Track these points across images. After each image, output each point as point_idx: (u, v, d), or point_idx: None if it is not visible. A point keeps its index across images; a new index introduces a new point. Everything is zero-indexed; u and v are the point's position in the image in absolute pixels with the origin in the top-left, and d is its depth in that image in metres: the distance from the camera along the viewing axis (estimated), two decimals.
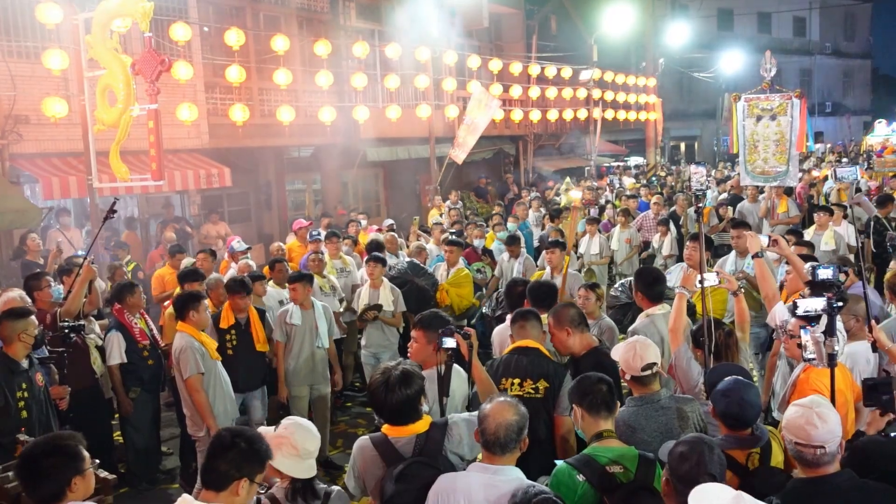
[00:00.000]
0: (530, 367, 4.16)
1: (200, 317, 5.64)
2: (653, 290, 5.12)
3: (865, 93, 48.79)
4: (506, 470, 3.00)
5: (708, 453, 2.72)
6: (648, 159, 27.91)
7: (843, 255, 6.89)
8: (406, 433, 3.32)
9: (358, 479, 3.41)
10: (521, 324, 4.36)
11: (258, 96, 13.71)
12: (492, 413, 3.01)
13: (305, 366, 6.67)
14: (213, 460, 2.79)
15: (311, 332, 6.67)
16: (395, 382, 3.28)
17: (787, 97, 9.39)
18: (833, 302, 3.53)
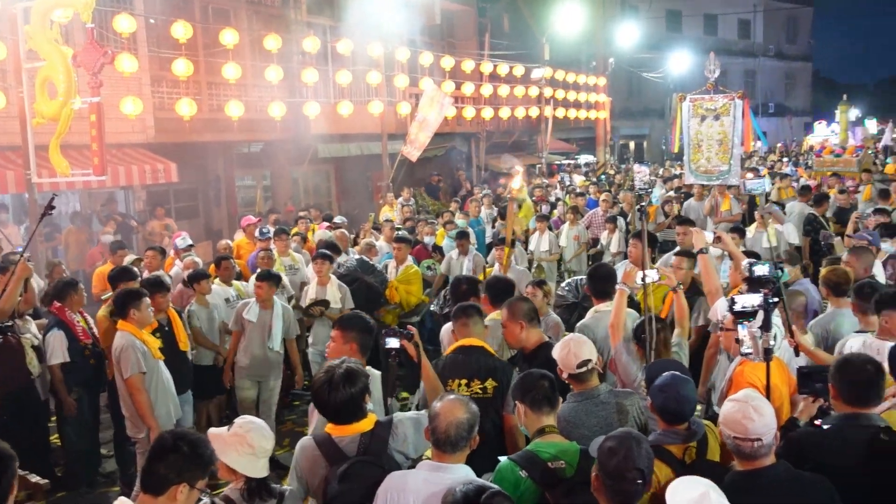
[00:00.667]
0: (476, 367, 4.14)
1: (142, 315, 5.51)
2: (604, 286, 5.15)
3: (806, 94, 50.18)
4: (455, 468, 3.00)
5: (636, 447, 2.74)
6: (598, 157, 28.27)
7: (790, 250, 7.08)
8: (350, 432, 3.30)
9: (300, 479, 3.36)
10: (464, 321, 4.32)
11: (206, 90, 13.49)
12: (443, 411, 3.01)
13: (253, 362, 6.63)
14: (152, 463, 2.72)
15: (263, 331, 6.60)
16: (339, 380, 3.24)
17: (730, 98, 9.62)
18: (769, 298, 3.63)
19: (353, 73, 15.19)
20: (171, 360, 6.12)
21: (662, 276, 4.82)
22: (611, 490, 2.72)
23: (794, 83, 49.09)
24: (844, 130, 20.48)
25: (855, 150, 16.11)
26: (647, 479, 2.74)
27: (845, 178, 14.91)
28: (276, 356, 6.77)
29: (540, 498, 3.20)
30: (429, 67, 17.86)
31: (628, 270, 4.78)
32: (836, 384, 3.35)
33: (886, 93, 64.69)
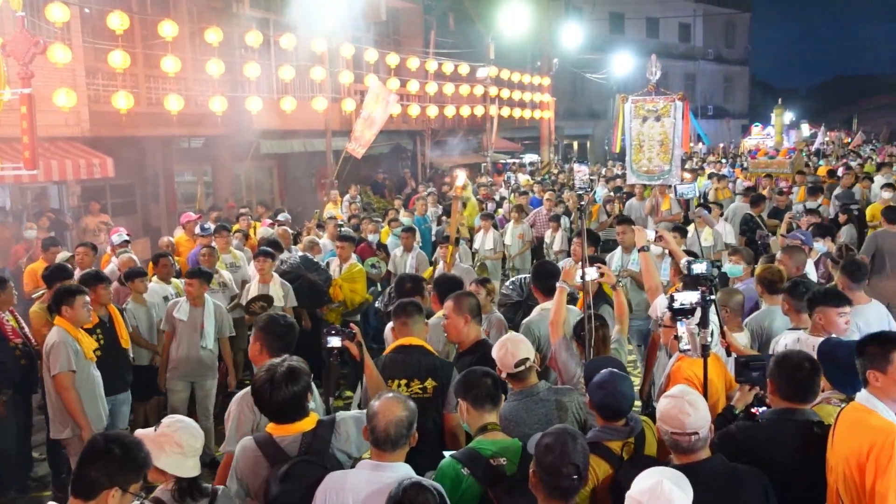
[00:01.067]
0: (416, 366, 4.10)
1: (74, 313, 5.32)
2: (548, 284, 5.13)
3: (744, 97, 51.67)
4: (395, 467, 2.99)
5: (571, 443, 2.77)
6: (543, 157, 28.56)
7: (736, 247, 7.24)
8: (292, 431, 3.25)
9: (240, 481, 3.30)
10: (403, 320, 4.25)
11: (144, 83, 13.13)
12: (381, 410, 2.99)
13: (185, 362, 6.48)
14: (83, 466, 2.63)
15: (195, 330, 6.47)
16: (281, 379, 3.20)
17: (670, 100, 9.82)
18: (707, 295, 3.70)
19: (296, 69, 15.00)
20: (112, 357, 6.01)
21: (602, 275, 4.87)
22: (548, 486, 2.74)
23: (732, 86, 50.50)
24: (779, 133, 21.14)
25: (788, 153, 16.62)
26: (582, 474, 2.77)
27: (779, 179, 15.37)
28: (210, 355, 6.63)
29: (482, 495, 3.21)
30: (374, 64, 17.75)
31: (568, 268, 4.79)
32: (775, 380, 3.43)
33: (819, 97, 67.13)
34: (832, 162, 24.03)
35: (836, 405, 3.40)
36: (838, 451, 3.07)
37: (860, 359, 3.15)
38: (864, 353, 3.14)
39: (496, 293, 6.69)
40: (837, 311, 4.35)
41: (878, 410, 3.04)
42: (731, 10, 47.63)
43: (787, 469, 3.19)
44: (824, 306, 4.38)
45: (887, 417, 3.03)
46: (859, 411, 3.09)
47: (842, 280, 5.36)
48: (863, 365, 3.13)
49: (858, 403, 3.13)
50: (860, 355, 3.15)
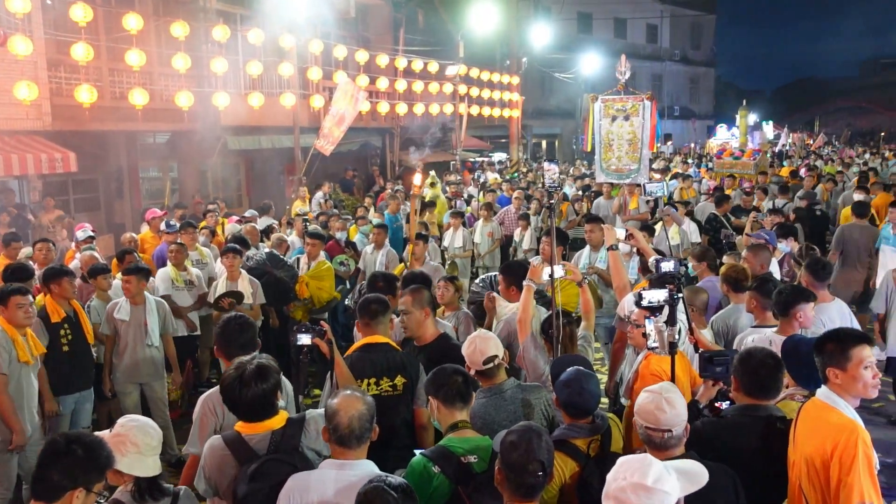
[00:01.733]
0: (384, 364, 4.07)
1: (10, 314, 5.16)
2: (521, 281, 5.17)
3: (710, 98, 52.39)
4: (360, 464, 2.97)
5: (536, 440, 2.78)
6: (512, 155, 28.66)
7: (703, 246, 7.33)
8: (261, 430, 3.23)
9: (208, 479, 3.26)
10: (367, 320, 4.23)
11: (108, 77, 12.90)
12: (341, 407, 2.96)
13: (132, 363, 6.35)
14: (44, 468, 2.57)
15: (139, 328, 6.35)
16: (251, 377, 3.17)
17: (639, 99, 9.89)
18: (674, 293, 3.74)
19: (264, 64, 14.86)
20: (78, 353, 5.95)
21: (568, 272, 4.89)
22: (513, 483, 2.75)
23: (698, 87, 51.15)
24: (744, 134, 21.49)
25: (753, 154, 16.88)
26: (547, 471, 2.78)
27: (743, 179, 15.61)
28: (157, 353, 6.51)
29: (452, 493, 3.20)
30: (343, 61, 17.66)
31: (535, 266, 4.81)
32: (738, 376, 3.48)
33: (782, 99, 68.47)
34: (795, 163, 24.48)
35: (799, 401, 3.45)
36: (801, 449, 3.11)
37: (819, 356, 3.19)
38: (823, 351, 3.18)
39: (465, 291, 6.70)
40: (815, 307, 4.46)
41: (838, 407, 3.08)
42: (697, 11, 48.26)
43: (750, 464, 3.24)
44: (804, 303, 4.46)
45: (848, 414, 3.07)
46: (820, 408, 3.13)
47: (806, 278, 5.46)
48: (822, 362, 3.17)
49: (819, 400, 3.17)
50: (819, 353, 3.19)
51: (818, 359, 3.19)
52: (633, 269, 7.31)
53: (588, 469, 3.29)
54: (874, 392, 3.14)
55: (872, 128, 55.48)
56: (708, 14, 50.06)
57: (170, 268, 7.66)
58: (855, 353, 3.09)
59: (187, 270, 7.81)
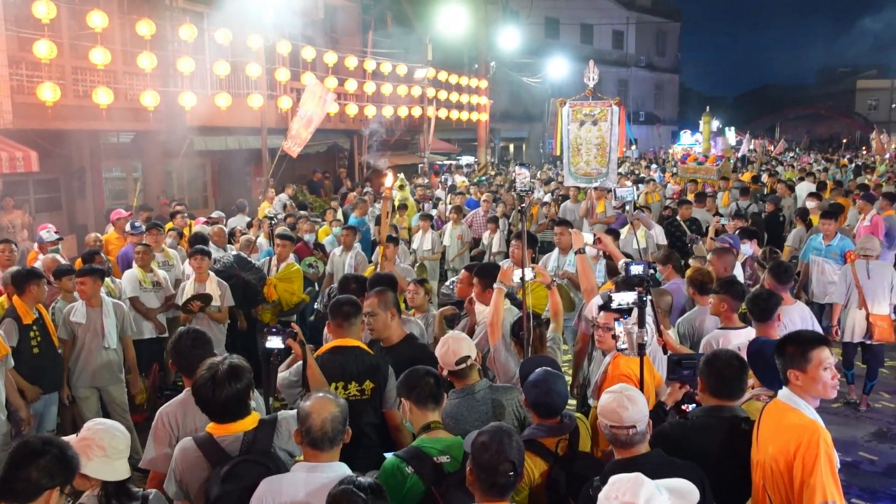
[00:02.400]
0: (354, 368, 4.06)
1: None
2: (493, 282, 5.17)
3: (674, 104, 53.23)
4: (333, 466, 2.97)
5: (507, 441, 2.81)
6: (479, 159, 28.76)
7: (669, 251, 7.46)
8: (233, 431, 3.21)
9: (179, 482, 3.23)
10: (339, 321, 4.21)
11: (71, 75, 12.66)
12: (314, 410, 2.95)
13: (89, 367, 6.24)
14: (19, 469, 2.54)
15: (96, 331, 6.25)
16: (224, 377, 3.15)
17: (607, 104, 10.01)
18: (643, 295, 3.81)
19: (232, 65, 14.72)
20: (46, 355, 5.91)
21: (538, 275, 4.94)
22: (484, 483, 2.78)
23: (663, 93, 51.93)
24: (707, 140, 21.77)
25: (716, 160, 17.16)
26: (518, 470, 2.81)
27: (706, 185, 15.87)
28: (115, 356, 6.40)
29: (426, 493, 3.22)
30: (311, 62, 17.58)
31: (505, 269, 4.85)
32: (704, 378, 3.56)
33: (744, 106, 69.75)
34: (757, 168, 24.95)
35: (764, 401, 3.53)
36: (764, 450, 3.18)
37: (780, 358, 3.25)
38: (784, 353, 3.24)
39: (434, 293, 6.72)
40: None
41: (799, 408, 3.15)
42: (662, 19, 49.04)
43: (716, 464, 3.30)
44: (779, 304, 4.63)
45: (809, 415, 3.14)
46: (781, 409, 3.20)
47: (770, 281, 5.58)
48: (783, 364, 3.23)
49: (780, 401, 3.24)
50: (780, 355, 3.25)
51: (779, 361, 3.25)
52: (599, 272, 7.40)
53: (556, 468, 3.34)
54: (833, 392, 3.22)
55: (831, 135, 56.87)
56: (673, 21, 50.91)
57: (136, 269, 7.55)
58: (814, 354, 3.15)
59: (153, 272, 7.71)
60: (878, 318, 7.36)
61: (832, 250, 8.44)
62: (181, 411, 3.59)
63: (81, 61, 12.48)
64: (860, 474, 6.18)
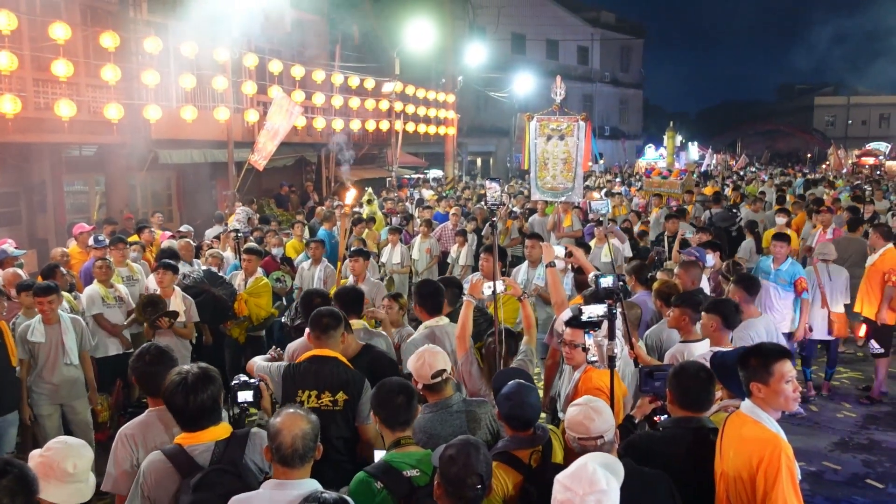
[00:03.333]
0: (329, 378, 4.05)
1: None
2: (431, 302, 5.12)
3: (638, 119, 54.00)
4: (301, 483, 2.91)
5: (475, 454, 2.81)
6: (447, 173, 28.85)
7: (637, 263, 7.55)
8: (204, 439, 3.17)
9: (147, 498, 3.14)
10: (317, 335, 4.19)
11: (32, 87, 12.45)
12: (285, 426, 2.90)
13: (51, 384, 6.12)
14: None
15: (56, 348, 6.13)
16: (196, 381, 3.14)
17: (574, 120, 10.13)
18: (613, 308, 3.84)
19: (197, 78, 14.60)
20: (5, 373, 5.77)
21: (508, 287, 4.95)
22: (452, 496, 2.78)
23: (627, 108, 52.66)
24: (671, 154, 22.17)
25: (680, 174, 17.45)
26: (486, 483, 2.82)
27: (670, 198, 16.11)
28: (77, 372, 6.30)
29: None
30: (278, 76, 17.51)
31: (475, 282, 4.85)
32: (673, 390, 3.59)
33: (706, 121, 71.11)
34: (718, 182, 25.40)
35: (732, 412, 3.57)
36: (727, 462, 3.21)
37: (743, 371, 3.28)
38: (747, 366, 3.27)
39: (407, 307, 6.69)
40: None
41: (761, 421, 3.18)
42: (627, 35, 49.82)
43: (683, 474, 3.32)
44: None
45: (771, 428, 3.17)
46: (744, 421, 3.23)
47: (738, 293, 5.66)
48: (746, 377, 3.27)
49: (743, 413, 3.27)
50: (743, 367, 3.29)
51: (742, 373, 3.28)
52: (567, 284, 7.46)
53: (529, 480, 3.34)
54: (795, 405, 3.26)
55: (790, 150, 58.13)
56: (637, 38, 51.73)
57: (97, 285, 7.40)
58: (777, 367, 3.19)
59: (114, 287, 7.56)
60: (836, 316, 8.18)
61: (781, 275, 7.90)
62: (141, 432, 3.49)
63: (43, 73, 12.28)
64: (824, 483, 6.28)
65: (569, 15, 45.14)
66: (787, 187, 21.97)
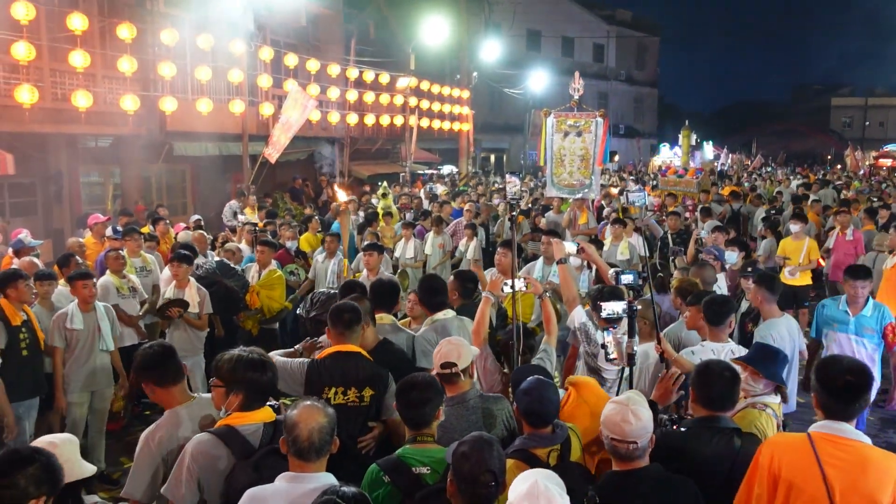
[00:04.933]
0: (355, 374, 4.00)
1: None
2: (434, 299, 5.06)
3: (653, 118, 53.72)
4: (317, 477, 2.89)
5: (487, 451, 2.77)
6: (461, 169, 28.80)
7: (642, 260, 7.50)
8: (255, 420, 3.20)
9: (190, 481, 3.08)
10: (340, 331, 4.12)
11: (50, 78, 12.49)
12: (302, 419, 2.88)
13: (88, 372, 6.15)
14: (6, 476, 2.49)
15: (93, 335, 6.17)
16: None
17: (591, 116, 10.06)
18: (633, 305, 3.79)
19: (213, 70, 14.62)
20: (32, 358, 5.82)
21: (528, 285, 4.90)
22: (466, 494, 2.74)
23: (642, 107, 52.40)
24: (686, 153, 22.02)
25: (696, 173, 17.33)
26: (499, 481, 2.77)
27: (686, 197, 16.00)
28: (109, 359, 6.37)
29: (401, 503, 3.16)
30: (293, 69, 17.51)
31: (495, 279, 4.80)
32: (696, 389, 3.52)
33: (722, 121, 70.64)
34: (734, 182, 25.22)
35: (761, 409, 3.51)
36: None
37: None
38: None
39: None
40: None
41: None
42: (643, 33, 49.54)
43: (710, 475, 3.27)
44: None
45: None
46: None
47: (760, 292, 5.59)
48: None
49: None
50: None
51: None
52: (584, 282, 7.40)
53: None
54: None
55: (805, 150, 57.66)
56: (652, 36, 51.43)
57: (110, 276, 7.40)
58: None
59: (126, 277, 7.56)
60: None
61: (865, 324, 6.02)
62: (166, 433, 3.41)
63: (60, 64, 12.32)
64: None
65: (584, 12, 44.96)
66: (808, 190, 21.73)
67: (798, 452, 2.95)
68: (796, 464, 2.94)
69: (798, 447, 2.97)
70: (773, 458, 3.01)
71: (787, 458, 2.97)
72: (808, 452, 2.91)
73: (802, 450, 2.94)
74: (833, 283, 10.30)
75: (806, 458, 2.91)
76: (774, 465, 2.99)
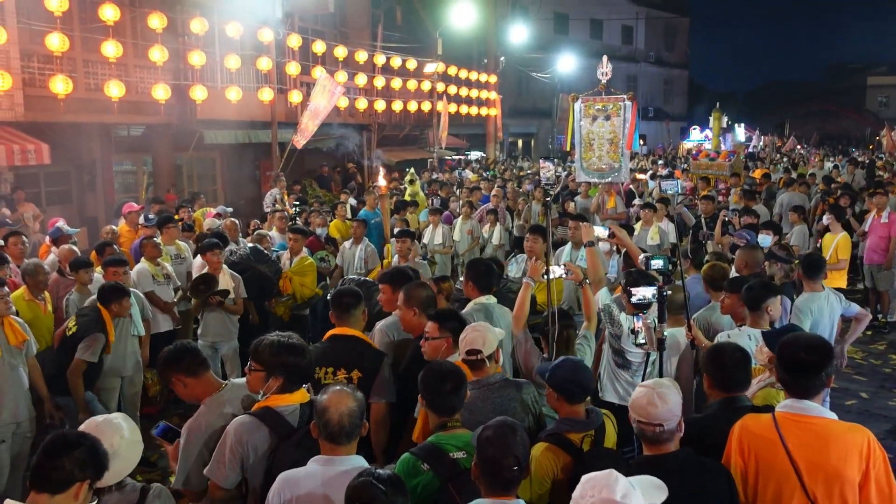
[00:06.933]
0: (346, 356, 4.08)
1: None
2: (484, 280, 5.05)
3: (683, 100, 52.96)
4: (348, 459, 2.95)
5: (511, 435, 2.79)
6: (488, 154, 28.70)
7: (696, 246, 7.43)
8: (293, 401, 3.31)
9: (233, 461, 3.19)
10: (338, 314, 4.24)
11: (83, 68, 12.68)
12: (332, 403, 2.94)
13: (120, 357, 6.25)
14: (53, 458, 2.55)
15: (127, 322, 6.27)
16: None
17: (620, 99, 9.95)
18: (663, 290, 3.78)
19: (242, 58, 14.72)
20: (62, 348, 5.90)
21: (568, 272, 4.89)
22: (489, 477, 2.76)
23: (672, 89, 51.68)
24: (717, 136, 21.63)
25: (728, 156, 17.08)
26: (522, 465, 2.79)
27: (718, 181, 15.79)
28: (138, 343, 6.48)
29: (441, 489, 3.19)
30: (321, 56, 17.56)
31: (535, 265, 4.81)
32: (710, 373, 3.50)
33: (754, 102, 69.41)
34: (767, 165, 24.84)
35: (779, 389, 3.49)
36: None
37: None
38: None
39: (450, 290, 6.68)
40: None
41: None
42: (672, 14, 48.77)
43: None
44: (772, 297, 4.64)
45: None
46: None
47: (802, 276, 5.66)
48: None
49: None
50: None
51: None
52: (613, 267, 7.37)
53: (581, 463, 3.30)
54: None
55: (840, 132, 56.52)
56: (682, 17, 50.63)
57: (146, 263, 7.52)
58: None
59: (160, 265, 7.69)
60: None
61: None
62: (207, 421, 3.48)
63: (93, 54, 12.50)
64: None
65: None
66: (836, 170, 21.31)
67: (763, 433, 3.04)
68: (763, 444, 3.02)
69: (763, 427, 3.05)
70: (741, 440, 3.09)
71: (755, 440, 3.06)
72: (773, 432, 3.00)
73: (768, 430, 3.03)
74: (869, 266, 10.12)
75: (770, 437, 3.00)
76: (744, 446, 3.08)
